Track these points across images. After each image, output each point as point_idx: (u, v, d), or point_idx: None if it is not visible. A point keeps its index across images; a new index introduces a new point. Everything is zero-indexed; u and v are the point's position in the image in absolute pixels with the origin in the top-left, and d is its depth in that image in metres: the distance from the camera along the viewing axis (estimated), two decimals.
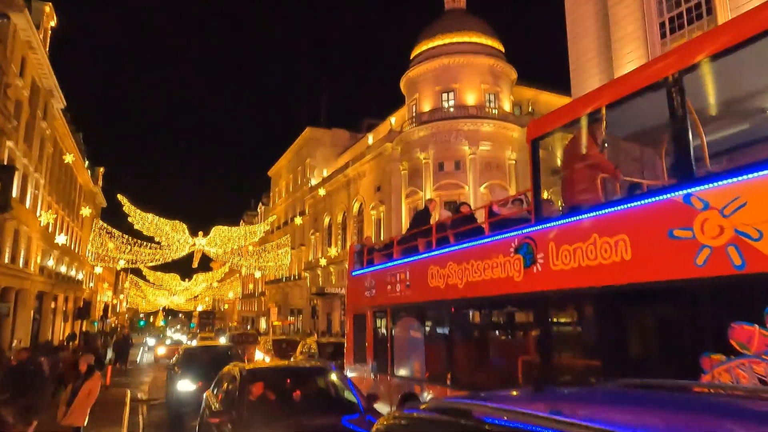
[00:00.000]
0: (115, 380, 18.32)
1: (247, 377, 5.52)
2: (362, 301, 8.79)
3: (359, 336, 8.80)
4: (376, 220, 39.55)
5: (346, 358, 9.28)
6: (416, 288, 7.08)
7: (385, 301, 7.86)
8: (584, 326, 4.84)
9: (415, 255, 7.27)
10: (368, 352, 8.25)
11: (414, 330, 7.23)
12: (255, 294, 73.83)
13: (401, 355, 7.43)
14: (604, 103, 4.68)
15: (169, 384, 11.50)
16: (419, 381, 6.83)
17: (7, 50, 24.84)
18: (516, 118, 35.00)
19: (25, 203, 29.44)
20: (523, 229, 5.27)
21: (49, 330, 37.09)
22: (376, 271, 8.47)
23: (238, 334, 26.19)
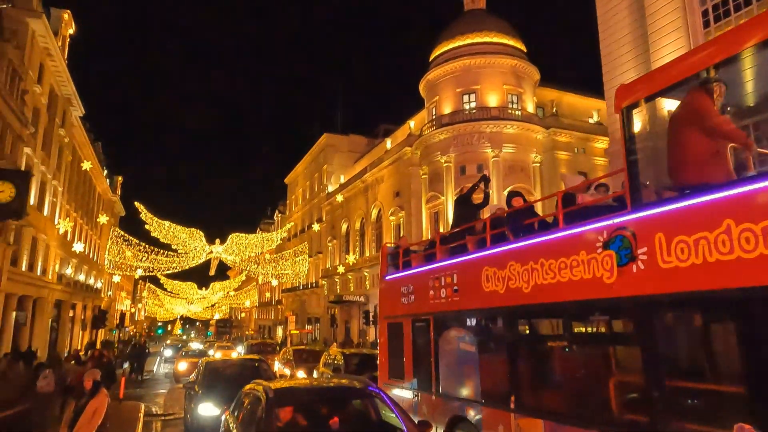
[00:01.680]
0: (129, 392, 17.59)
1: (273, 400, 4.62)
2: (398, 308, 7.82)
3: (395, 347, 7.78)
4: (395, 226, 38.60)
5: (380, 372, 8.23)
6: (467, 293, 6.08)
7: (427, 308, 6.87)
8: (711, 340, 3.80)
9: (465, 255, 6.29)
10: (407, 367, 7.28)
11: (464, 342, 6.22)
12: (272, 302, 73.24)
13: (448, 371, 6.40)
14: (719, 59, 3.73)
15: (187, 406, 9.87)
16: (472, 402, 5.80)
17: (25, 56, 24.61)
18: (540, 119, 33.88)
19: (43, 211, 29.16)
20: (614, 219, 4.29)
21: (67, 339, 36.77)
22: (415, 274, 7.50)
23: (257, 344, 25.30)
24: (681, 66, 4.06)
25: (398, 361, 7.51)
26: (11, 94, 22.27)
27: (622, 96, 4.40)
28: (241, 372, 9.67)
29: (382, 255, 8.69)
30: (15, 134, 23.32)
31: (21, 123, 23.48)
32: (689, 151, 3.77)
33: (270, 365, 13.34)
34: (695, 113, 3.76)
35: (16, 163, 23.07)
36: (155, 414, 13.41)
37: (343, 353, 12.92)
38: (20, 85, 23.70)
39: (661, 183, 4.08)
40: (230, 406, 7.66)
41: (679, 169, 3.89)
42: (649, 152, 4.25)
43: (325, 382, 5.84)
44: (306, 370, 14.67)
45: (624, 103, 4.36)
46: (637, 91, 4.35)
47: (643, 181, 4.16)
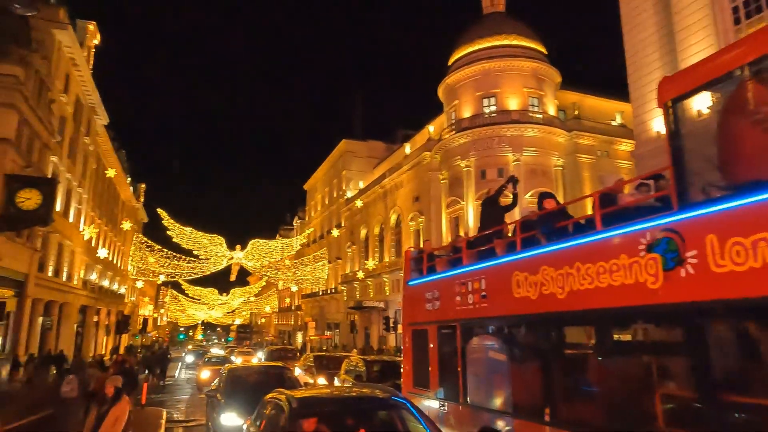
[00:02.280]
0: (151, 398, 17.65)
1: (296, 410, 4.40)
2: (423, 314, 7.56)
3: (419, 355, 7.54)
4: (415, 231, 38.34)
5: (404, 380, 7.96)
6: (496, 299, 5.82)
7: (453, 314, 6.61)
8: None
9: (493, 259, 6.03)
10: (432, 375, 7.02)
11: (494, 350, 5.94)
12: (291, 308, 73.50)
13: (477, 381, 6.12)
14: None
15: (210, 414, 9.56)
16: (503, 414, 5.52)
17: (52, 66, 25.19)
18: (561, 122, 33.34)
19: (68, 218, 29.73)
20: (659, 220, 4.02)
21: (92, 343, 37.36)
22: (441, 279, 7.24)
23: (277, 350, 25.22)
24: (731, 56, 3.78)
25: (423, 369, 7.27)
26: (39, 103, 22.76)
27: (666, 89, 4.13)
28: (264, 380, 9.35)
29: (405, 260, 8.45)
30: (42, 143, 23.82)
31: (48, 131, 23.98)
32: (743, 146, 3.49)
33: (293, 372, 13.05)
34: (750, 105, 3.49)
35: (43, 171, 23.55)
36: (177, 420, 13.37)
37: (364, 360, 12.68)
38: (47, 94, 24.23)
39: (710, 181, 3.80)
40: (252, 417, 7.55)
41: (732, 166, 3.61)
42: (695, 148, 3.96)
43: (349, 391, 5.60)
44: (327, 377, 14.48)
45: (668, 97, 4.09)
46: (682, 84, 4.08)
47: (690, 180, 3.87)
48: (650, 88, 19.43)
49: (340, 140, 56.48)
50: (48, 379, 10.37)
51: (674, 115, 4.03)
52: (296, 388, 9.17)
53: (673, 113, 4.04)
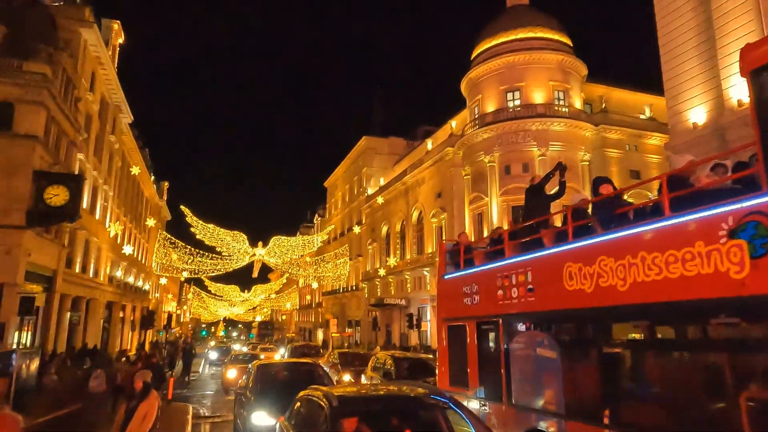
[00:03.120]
0: (176, 393, 17.65)
1: (338, 409, 4.11)
2: (460, 309, 7.16)
3: (456, 352, 7.16)
4: (437, 228, 37.88)
5: (439, 379, 7.60)
6: (545, 292, 5.41)
7: (495, 309, 6.22)
8: None
9: (541, 250, 5.64)
10: (471, 373, 6.64)
11: (542, 347, 5.53)
12: (312, 305, 73.70)
13: (522, 379, 5.73)
14: None
15: (238, 412, 9.05)
16: (553, 415, 5.13)
17: (78, 65, 25.47)
18: (588, 116, 32.47)
19: (95, 215, 30.13)
20: (744, 202, 3.60)
21: (118, 339, 37.90)
22: (480, 272, 6.84)
23: (300, 346, 25.07)
24: None
25: (461, 367, 6.91)
26: (66, 101, 23.03)
27: (751, 57, 3.69)
28: (295, 377, 9.10)
29: (440, 253, 8.08)
30: (69, 140, 24.11)
31: (75, 129, 24.27)
32: None
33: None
34: None
35: (70, 168, 23.83)
36: (203, 416, 13.27)
37: (393, 357, 12.34)
38: (74, 92, 24.52)
39: None
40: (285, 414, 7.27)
41: None
42: None
43: (390, 389, 5.24)
44: (352, 374, 14.22)
45: (753, 65, 3.65)
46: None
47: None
48: (686, 77, 18.66)
49: (361, 137, 56.29)
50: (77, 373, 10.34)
51: (760, 85, 3.59)
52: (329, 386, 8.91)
53: (758, 83, 3.60)
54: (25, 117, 20.21)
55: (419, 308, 36.93)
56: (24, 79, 20.37)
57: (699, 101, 17.73)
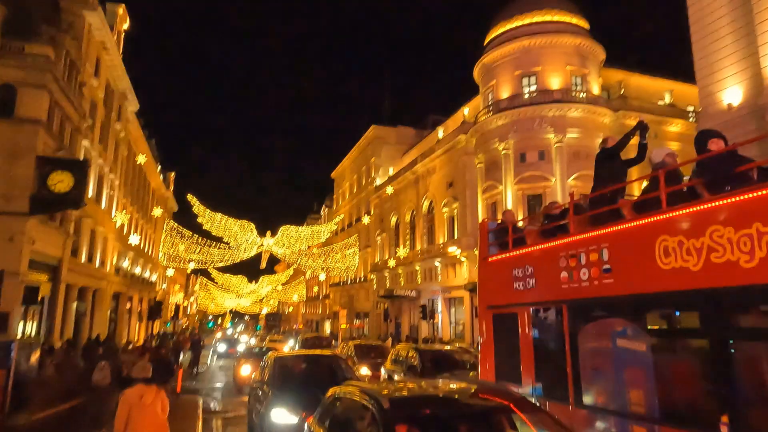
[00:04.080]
0: (186, 385, 17.06)
1: (391, 414, 3.30)
2: (509, 295, 6.34)
3: (504, 344, 6.32)
4: (449, 218, 37.07)
5: (482, 373, 6.62)
6: (628, 273, 4.59)
7: (557, 294, 5.35)
8: None
9: (621, 223, 4.79)
10: (525, 369, 5.79)
11: (625, 337, 4.64)
12: (319, 297, 73.24)
13: (596, 376, 4.99)
14: None
15: (253, 407, 8.27)
16: (641, 420, 4.32)
17: (82, 48, 24.75)
18: (606, 102, 31.43)
19: (100, 204, 29.56)
20: None
21: (125, 330, 37.52)
22: (536, 252, 6.01)
23: (311, 338, 24.42)
24: None
25: (510, 360, 6.11)
26: (69, 85, 22.34)
27: None
28: (316, 370, 8.36)
29: (481, 233, 7.24)
30: (73, 126, 23.46)
31: (79, 114, 23.61)
32: None
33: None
34: None
35: (75, 155, 23.21)
36: (214, 410, 12.64)
37: (417, 350, 11.57)
38: (77, 77, 23.83)
39: None
40: (307, 411, 6.53)
41: None
42: None
43: (446, 387, 4.39)
44: (369, 367, 13.51)
45: None
46: None
47: None
48: (720, 56, 17.66)
49: (369, 127, 55.39)
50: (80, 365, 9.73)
51: None
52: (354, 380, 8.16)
53: None
54: (27, 100, 19.56)
55: (430, 300, 36.23)
56: (26, 62, 19.70)
57: (734, 80, 16.75)
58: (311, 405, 6.69)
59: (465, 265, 33.73)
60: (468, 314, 32.96)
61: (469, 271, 33.29)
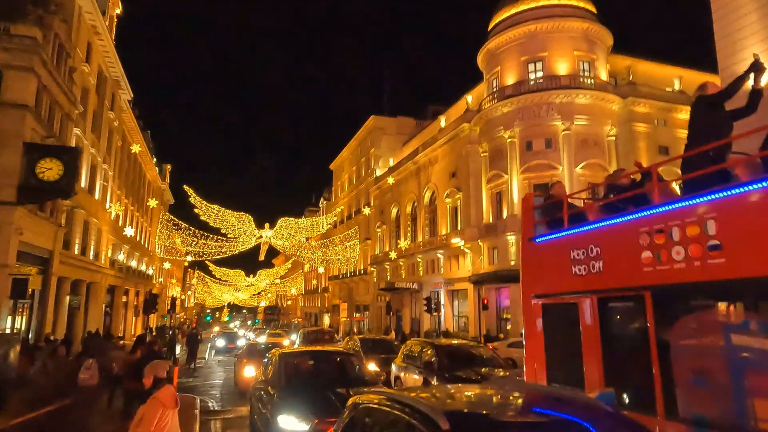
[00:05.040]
0: (183, 382, 16.27)
1: None
2: (564, 281, 5.41)
3: (558, 339, 5.52)
4: (452, 208, 36.24)
5: (529, 374, 5.86)
6: (748, 250, 3.67)
7: (637, 279, 4.48)
8: None
9: (734, 187, 3.82)
10: (591, 369, 4.86)
11: (743, 333, 3.82)
12: (318, 290, 72.50)
13: (701, 382, 4.02)
14: None
15: (258, 411, 7.29)
16: None
17: (72, 32, 23.71)
18: (615, 88, 30.55)
19: (94, 194, 28.62)
20: None
21: (121, 324, 36.67)
22: (604, 229, 5.00)
23: (312, 332, 23.60)
24: None
25: (567, 360, 5.26)
26: (59, 69, 21.35)
27: None
28: (327, 369, 7.48)
29: (524, 210, 6.32)
30: (64, 112, 22.49)
31: (70, 101, 22.62)
32: None
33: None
34: None
35: (66, 143, 22.25)
36: (213, 410, 11.84)
37: (432, 345, 10.71)
38: (67, 61, 22.81)
39: None
40: (319, 417, 5.74)
41: None
42: None
43: (509, 395, 3.46)
44: (378, 363, 12.70)
45: None
46: None
47: None
48: (743, 35, 16.79)
49: (368, 117, 54.39)
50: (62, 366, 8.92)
51: None
52: (374, 381, 7.34)
53: None
54: (13, 84, 18.57)
55: (432, 292, 35.46)
56: (12, 43, 18.68)
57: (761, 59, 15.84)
58: (323, 410, 5.89)
59: (469, 257, 32.97)
60: (472, 307, 32.24)
61: (473, 263, 32.54)
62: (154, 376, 4.73)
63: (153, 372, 4.78)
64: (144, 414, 4.60)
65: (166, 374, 4.86)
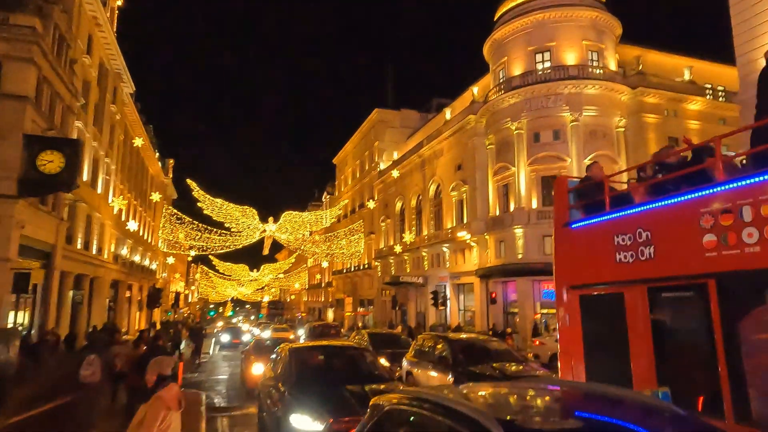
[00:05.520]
0: (188, 377, 15.99)
1: None
2: (607, 270, 4.97)
3: (598, 333, 5.08)
4: (458, 202, 35.81)
5: (564, 371, 5.42)
6: None
7: (696, 266, 4.05)
8: None
9: None
10: (639, 366, 4.42)
11: None
12: (322, 285, 72.27)
13: None
14: None
15: (267, 408, 6.92)
16: None
17: (73, 23, 23.31)
18: (624, 79, 30.00)
19: (96, 188, 28.33)
20: None
21: (125, 319, 36.49)
22: (652, 212, 4.54)
23: (318, 326, 23.26)
24: None
25: (611, 356, 4.82)
26: (59, 60, 20.97)
27: None
28: (338, 364, 7.18)
29: (557, 193, 5.89)
30: (65, 105, 22.15)
31: (71, 93, 22.27)
32: None
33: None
34: None
35: (67, 136, 21.90)
36: (219, 407, 11.53)
37: (446, 339, 10.33)
38: (68, 52, 22.43)
39: None
40: (334, 416, 5.39)
41: None
42: None
43: (588, 399, 3.01)
44: (387, 359, 12.34)
45: None
46: None
47: None
48: (762, 19, 16.27)
49: (372, 111, 53.90)
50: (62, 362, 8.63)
51: None
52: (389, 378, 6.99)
53: None
54: (13, 75, 18.20)
55: (438, 286, 35.10)
56: (10, 33, 18.28)
57: None
58: (338, 408, 5.54)
59: (475, 251, 32.59)
60: (478, 301, 31.90)
61: (479, 257, 32.17)
62: (158, 374, 4.38)
63: (157, 369, 4.43)
64: (146, 414, 4.25)
65: (171, 372, 4.51)
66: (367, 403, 5.54)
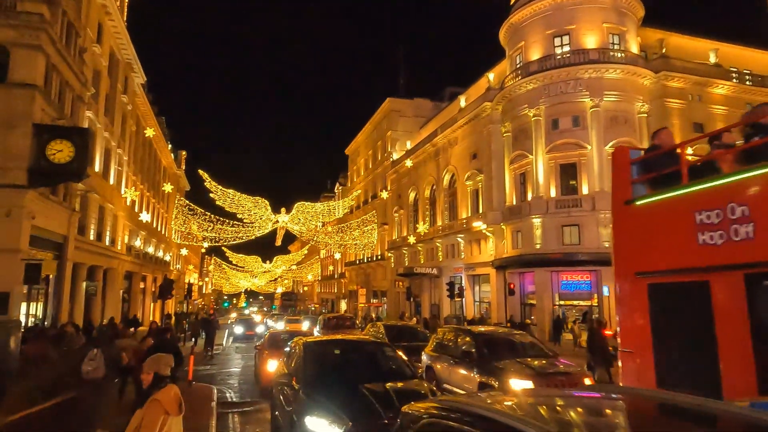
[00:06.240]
0: (199, 370, 15.68)
1: None
2: (685, 255, 4.25)
3: (675, 330, 4.36)
4: (473, 191, 35.09)
5: (626, 372, 4.80)
6: None
7: None
8: None
9: None
10: (730, 371, 3.77)
11: None
12: (335, 276, 72.09)
13: None
14: None
15: (280, 408, 6.44)
16: None
17: (82, 11, 22.97)
18: (647, 62, 28.91)
19: (108, 179, 28.15)
20: None
21: (139, 310, 36.54)
22: (749, 183, 3.79)
23: (333, 318, 22.84)
24: None
25: (688, 356, 4.19)
26: (68, 48, 20.65)
27: None
28: (358, 361, 6.58)
29: (616, 166, 5.05)
30: (75, 94, 21.86)
31: (80, 82, 21.97)
32: None
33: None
34: None
35: (77, 125, 21.64)
36: (231, 402, 11.14)
37: (470, 332, 9.77)
38: (77, 40, 22.11)
39: None
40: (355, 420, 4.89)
41: None
42: None
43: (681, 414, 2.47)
44: (405, 352, 11.84)
45: None
46: None
47: None
48: None
49: (384, 100, 53.14)
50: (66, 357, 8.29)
51: None
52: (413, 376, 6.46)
53: None
54: (21, 63, 17.88)
55: (453, 277, 34.55)
56: (18, 20, 17.94)
57: None
58: (359, 411, 5.04)
59: (491, 241, 31.92)
60: (494, 292, 31.28)
61: (495, 247, 31.50)
62: (155, 373, 3.91)
63: (154, 367, 3.96)
64: (143, 419, 3.79)
65: (170, 371, 4.03)
66: (389, 403, 5.08)
